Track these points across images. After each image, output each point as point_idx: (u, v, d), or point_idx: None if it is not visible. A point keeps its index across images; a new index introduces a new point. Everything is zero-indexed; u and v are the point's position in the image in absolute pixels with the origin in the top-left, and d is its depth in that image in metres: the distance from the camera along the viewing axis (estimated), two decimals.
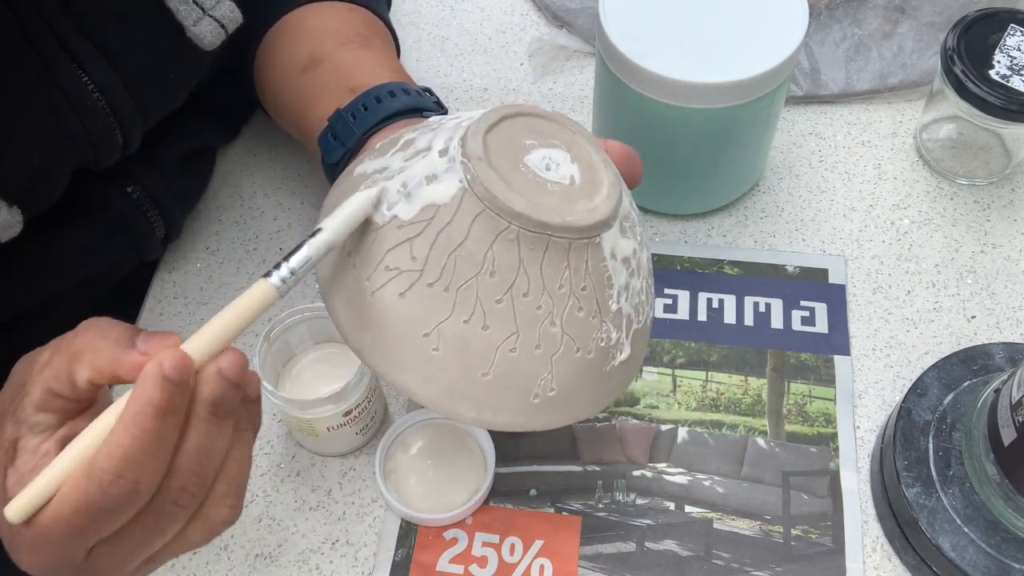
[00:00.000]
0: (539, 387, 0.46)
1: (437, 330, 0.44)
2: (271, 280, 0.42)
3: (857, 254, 0.71)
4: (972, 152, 0.75)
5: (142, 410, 0.37)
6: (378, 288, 0.45)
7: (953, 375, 0.60)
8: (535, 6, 0.86)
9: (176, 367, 0.37)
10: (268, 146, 0.78)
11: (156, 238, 0.67)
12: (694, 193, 0.72)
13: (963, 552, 0.54)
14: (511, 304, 0.44)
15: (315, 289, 0.70)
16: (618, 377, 0.50)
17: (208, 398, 0.39)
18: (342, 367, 0.61)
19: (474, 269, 0.44)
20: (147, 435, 0.37)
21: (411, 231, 0.45)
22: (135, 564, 0.41)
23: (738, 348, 0.67)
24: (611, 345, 0.48)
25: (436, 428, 0.62)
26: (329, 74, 0.62)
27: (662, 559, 0.59)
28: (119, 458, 0.37)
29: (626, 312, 0.49)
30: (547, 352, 0.46)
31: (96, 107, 0.56)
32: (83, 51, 0.55)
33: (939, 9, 0.80)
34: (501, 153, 0.45)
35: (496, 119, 0.46)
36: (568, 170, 0.47)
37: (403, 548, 0.60)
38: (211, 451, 0.39)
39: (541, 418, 0.47)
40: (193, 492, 0.39)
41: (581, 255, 0.45)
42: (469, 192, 0.44)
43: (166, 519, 0.39)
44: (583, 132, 0.49)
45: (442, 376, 0.45)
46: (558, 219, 0.44)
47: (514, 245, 0.44)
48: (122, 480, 0.37)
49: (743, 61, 0.61)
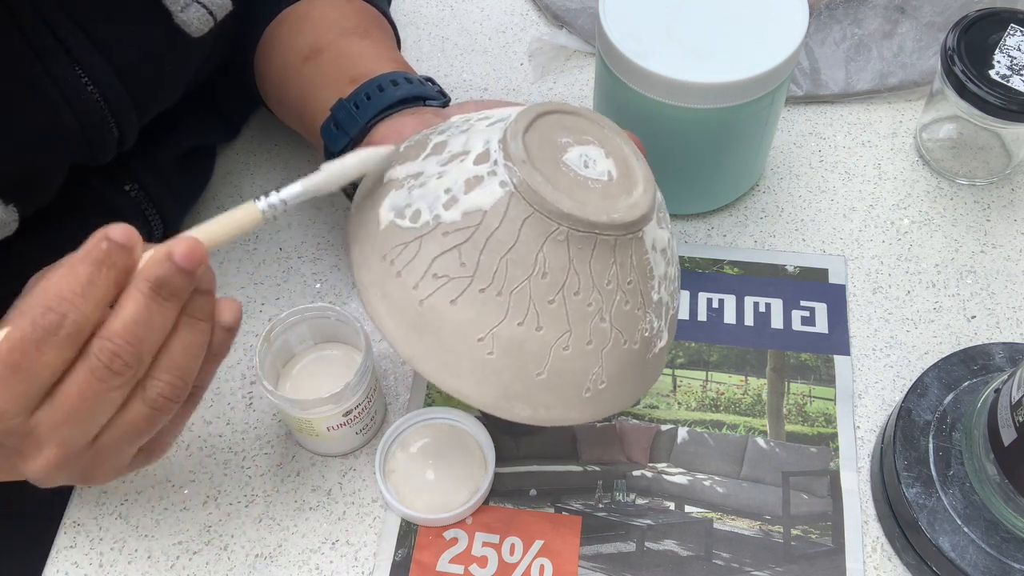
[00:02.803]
0: (590, 381, 0.47)
1: (491, 334, 0.45)
2: (259, 204, 0.45)
3: (857, 254, 0.71)
4: (972, 152, 0.75)
5: (82, 258, 0.41)
6: (427, 296, 0.45)
7: (953, 375, 0.60)
8: (535, 6, 0.86)
9: (122, 233, 0.42)
10: (268, 146, 0.78)
11: (154, 237, 0.67)
12: (694, 193, 0.72)
13: (963, 552, 0.54)
14: (563, 304, 0.45)
15: (315, 289, 0.70)
16: (656, 363, 0.51)
17: (149, 275, 0.41)
18: (342, 367, 0.61)
19: (526, 272, 0.44)
20: (78, 278, 0.41)
21: (458, 238, 0.45)
22: (78, 438, 0.43)
23: (738, 348, 0.67)
24: (653, 334, 0.49)
25: (436, 428, 0.62)
26: (330, 64, 0.62)
27: (662, 559, 0.59)
28: (52, 294, 0.41)
29: (665, 300, 0.50)
30: (598, 347, 0.46)
31: (90, 100, 0.56)
32: (75, 42, 0.55)
33: (939, 9, 0.80)
34: (541, 154, 0.46)
35: (532, 118, 0.47)
36: (605, 166, 0.48)
37: (403, 548, 0.60)
38: (148, 325, 0.42)
39: (590, 411, 0.48)
40: (126, 361, 0.41)
41: (626, 250, 0.46)
42: (516, 196, 0.44)
43: (101, 382, 0.42)
44: (610, 125, 0.50)
45: (497, 379, 0.45)
46: (605, 217, 0.45)
47: (563, 246, 0.45)
48: (51, 313, 0.40)
49: (743, 61, 0.61)
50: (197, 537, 0.61)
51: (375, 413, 0.62)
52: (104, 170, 0.61)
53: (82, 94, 0.55)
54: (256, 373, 0.59)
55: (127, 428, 0.44)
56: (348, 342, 0.62)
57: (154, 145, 0.65)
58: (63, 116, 0.55)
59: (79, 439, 0.43)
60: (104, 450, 0.44)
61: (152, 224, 0.67)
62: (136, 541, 0.61)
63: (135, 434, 0.44)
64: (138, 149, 0.62)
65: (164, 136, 0.66)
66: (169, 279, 0.42)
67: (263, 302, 0.70)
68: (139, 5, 0.57)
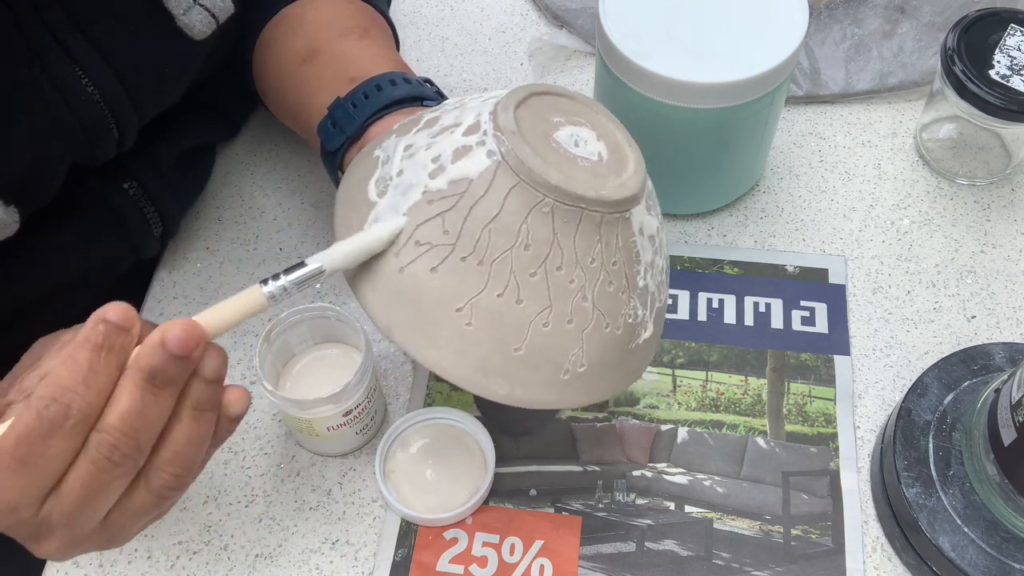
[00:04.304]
0: (570, 363, 0.46)
1: (470, 304, 0.44)
2: (264, 289, 0.44)
3: (857, 254, 0.71)
4: (972, 152, 0.75)
5: (81, 344, 0.40)
6: (408, 264, 0.45)
7: (953, 375, 0.60)
8: (535, 6, 0.86)
9: (119, 315, 0.40)
10: (268, 146, 0.78)
11: (153, 236, 0.67)
12: (694, 193, 0.72)
13: (963, 552, 0.54)
14: (545, 278, 0.44)
15: (316, 289, 0.70)
16: (641, 356, 0.50)
17: (143, 364, 0.40)
18: (342, 367, 0.61)
19: (509, 242, 0.44)
20: (79, 366, 0.40)
21: (442, 205, 0.44)
22: (87, 522, 0.43)
23: (738, 348, 0.67)
24: (637, 322, 0.48)
25: (436, 428, 0.62)
26: (328, 64, 0.62)
27: (662, 559, 0.59)
28: (54, 386, 0.40)
29: (651, 289, 0.49)
30: (579, 327, 0.46)
31: (90, 101, 0.55)
32: (75, 43, 0.54)
33: (939, 9, 0.80)
34: (532, 129, 0.45)
35: (524, 95, 0.46)
36: (595, 147, 0.47)
37: (403, 548, 0.60)
38: (144, 416, 0.41)
39: (570, 395, 0.47)
40: (124, 452, 0.41)
41: (612, 229, 0.45)
42: (504, 165, 0.44)
43: (103, 473, 0.41)
44: (605, 111, 0.49)
45: (475, 352, 0.45)
46: (592, 193, 0.44)
47: (548, 218, 0.44)
48: (55, 404, 0.39)
49: (743, 61, 0.61)
50: (197, 537, 0.61)
51: (375, 413, 0.62)
52: (103, 169, 0.61)
53: (82, 95, 0.55)
54: (256, 373, 0.59)
55: (135, 511, 0.44)
56: (348, 342, 0.62)
57: (153, 144, 0.65)
58: (63, 116, 0.55)
59: (88, 523, 0.43)
60: (115, 527, 0.44)
61: (151, 223, 0.67)
62: (136, 541, 0.60)
63: (143, 515, 0.44)
64: (137, 148, 0.62)
65: (164, 135, 0.66)
66: (163, 368, 0.40)
67: None
68: (140, 7, 0.57)
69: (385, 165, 0.48)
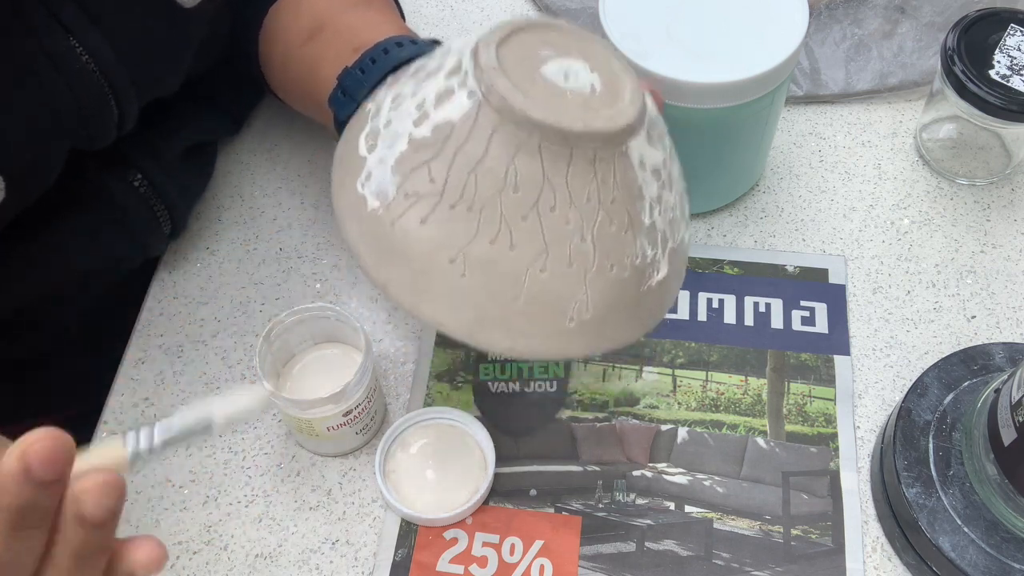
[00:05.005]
0: (574, 310, 0.44)
1: (463, 254, 0.42)
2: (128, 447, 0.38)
3: (857, 254, 0.71)
4: (972, 152, 0.75)
5: None
6: (399, 217, 0.43)
7: (953, 375, 0.60)
8: (535, 6, 0.86)
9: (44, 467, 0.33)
10: (268, 146, 0.78)
11: (162, 232, 0.67)
12: (694, 193, 0.71)
13: (963, 552, 0.54)
14: (538, 220, 0.42)
15: (315, 289, 0.70)
16: (655, 299, 0.47)
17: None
18: (342, 367, 0.61)
19: (496, 185, 0.42)
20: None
21: (428, 153, 0.43)
22: None
23: (738, 348, 0.67)
24: (647, 263, 0.45)
25: (436, 428, 0.62)
26: (333, 37, 0.62)
27: (662, 559, 0.59)
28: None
29: (660, 227, 0.46)
30: (580, 270, 0.43)
31: (85, 70, 0.54)
32: (65, 11, 0.53)
33: (939, 9, 0.80)
34: (516, 65, 0.43)
35: (508, 32, 0.44)
36: (587, 79, 0.44)
37: (403, 548, 0.60)
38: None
39: (577, 344, 0.45)
40: None
41: (608, 165, 0.43)
42: (485, 104, 0.42)
43: None
44: (600, 41, 0.47)
45: (471, 302, 0.43)
46: (580, 125, 0.42)
47: (536, 157, 0.42)
48: None
49: (743, 61, 0.61)
50: (197, 537, 0.61)
51: (375, 413, 0.62)
52: (105, 161, 0.61)
53: (76, 64, 0.54)
54: (256, 373, 0.59)
55: None
56: (348, 342, 0.62)
57: (157, 138, 0.65)
58: (59, 91, 0.54)
59: None
60: None
61: (160, 219, 0.66)
62: None
63: None
64: (141, 142, 0.61)
65: (167, 129, 0.66)
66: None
67: (263, 302, 0.70)
68: None
69: (375, 118, 0.46)
